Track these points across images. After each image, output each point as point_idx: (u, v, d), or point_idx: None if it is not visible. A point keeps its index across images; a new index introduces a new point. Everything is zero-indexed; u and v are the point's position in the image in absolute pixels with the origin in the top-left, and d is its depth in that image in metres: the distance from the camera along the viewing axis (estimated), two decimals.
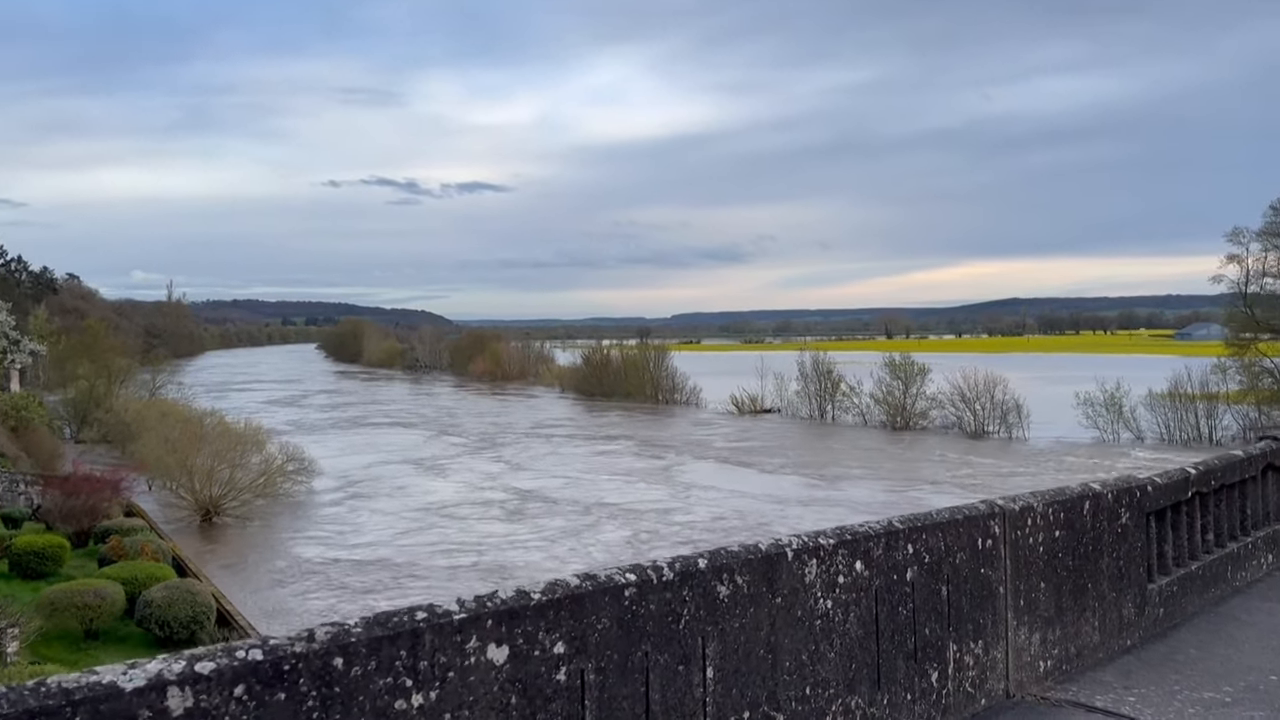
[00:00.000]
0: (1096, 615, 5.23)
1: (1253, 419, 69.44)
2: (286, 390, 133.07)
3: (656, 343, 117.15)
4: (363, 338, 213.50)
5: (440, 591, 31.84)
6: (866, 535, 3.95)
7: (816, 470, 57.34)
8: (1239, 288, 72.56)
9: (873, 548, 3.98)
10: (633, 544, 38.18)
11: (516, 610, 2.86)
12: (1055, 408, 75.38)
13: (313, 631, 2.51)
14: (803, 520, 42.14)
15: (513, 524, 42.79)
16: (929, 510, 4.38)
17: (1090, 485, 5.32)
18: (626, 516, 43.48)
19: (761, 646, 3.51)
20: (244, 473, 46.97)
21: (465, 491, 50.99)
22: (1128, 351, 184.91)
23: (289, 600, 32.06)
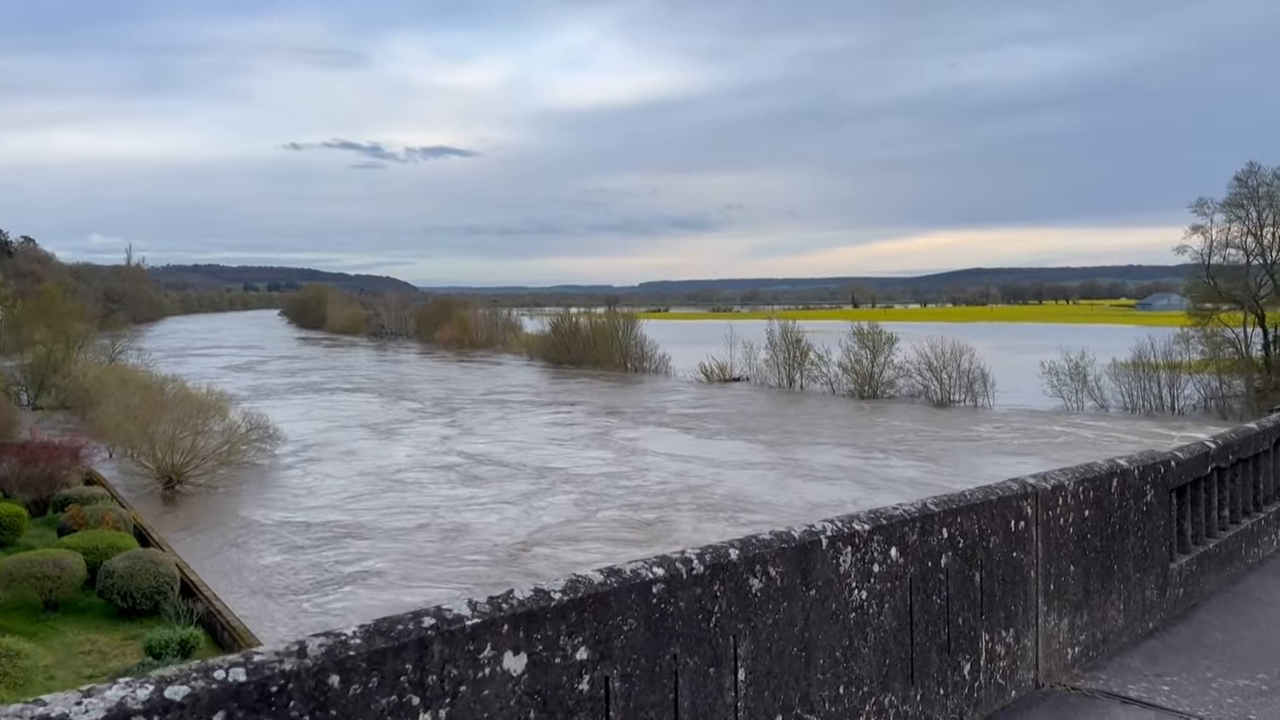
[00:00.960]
0: (1121, 598, 4.99)
1: (1214, 388, 70.44)
2: (246, 356, 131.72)
3: (625, 311, 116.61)
4: (326, 304, 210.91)
5: (416, 560, 31.81)
6: (902, 519, 3.64)
7: (759, 436, 57.83)
8: (1203, 258, 73.26)
9: (908, 533, 3.67)
10: (581, 505, 38.80)
11: (535, 613, 2.49)
12: (1019, 377, 76.08)
13: (304, 644, 2.12)
14: (740, 481, 43.43)
15: (469, 488, 43.13)
16: (961, 491, 4.08)
17: (1117, 462, 5.05)
18: (575, 480, 43.96)
19: (795, 644, 3.19)
20: (207, 440, 46.16)
21: (421, 456, 51.24)
22: (1090, 321, 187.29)
23: (254, 572, 31.55)
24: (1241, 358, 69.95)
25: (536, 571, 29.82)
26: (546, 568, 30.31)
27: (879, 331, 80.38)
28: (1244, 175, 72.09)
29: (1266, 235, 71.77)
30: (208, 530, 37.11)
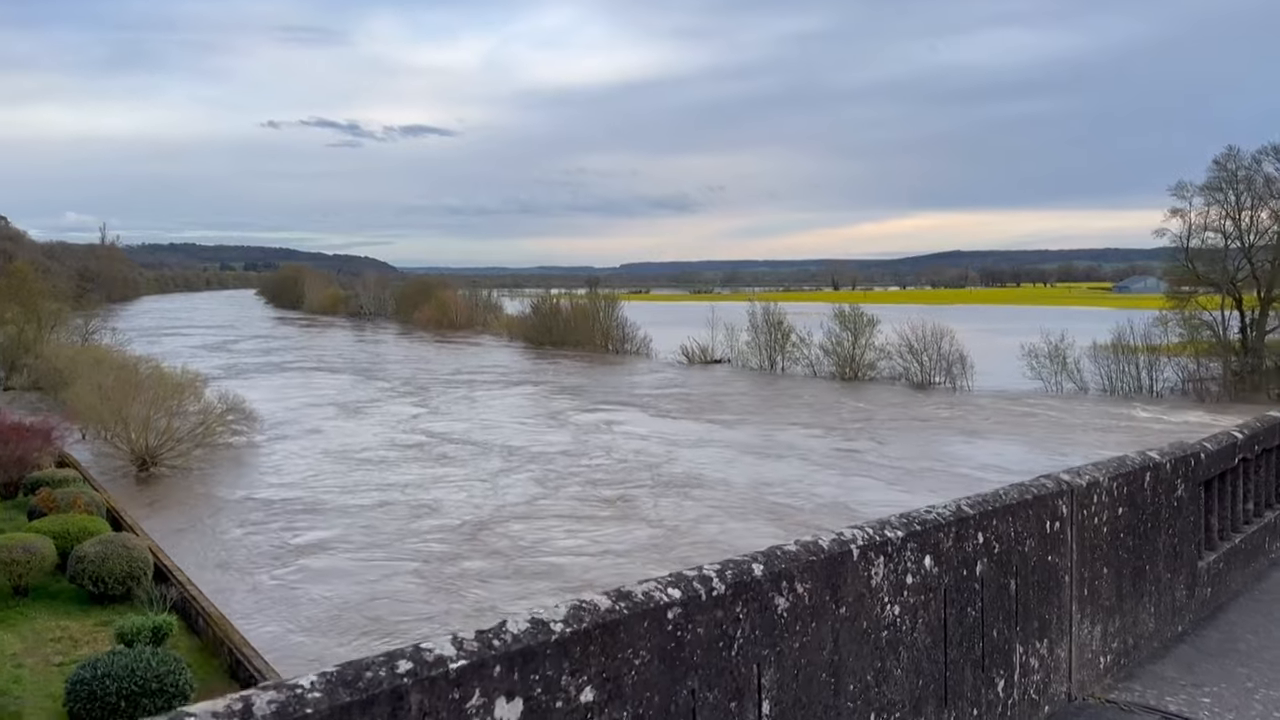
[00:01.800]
0: (1152, 600, 4.66)
1: (1191, 371, 70.80)
2: (221, 336, 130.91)
3: (606, 292, 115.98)
4: (304, 284, 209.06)
5: (376, 535, 31.67)
6: (936, 524, 3.27)
7: (722, 416, 58.38)
8: (1181, 242, 73.46)
9: (943, 539, 3.30)
10: (542, 484, 39.20)
11: (532, 649, 2.08)
12: (998, 359, 76.31)
13: (249, 702, 1.70)
14: (700, 459, 43.87)
15: (435, 467, 43.45)
16: (995, 490, 3.73)
17: (1149, 455, 4.71)
18: (539, 459, 44.47)
19: (823, 669, 2.82)
20: (182, 421, 45.46)
21: (389, 434, 51.55)
22: (1067, 304, 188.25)
23: (231, 553, 31.04)
24: (1219, 341, 70.29)
25: (497, 549, 29.68)
26: (506, 545, 30.33)
27: (860, 314, 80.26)
28: (1223, 159, 72.27)
29: (1244, 219, 72.04)
30: (180, 512, 36.62)
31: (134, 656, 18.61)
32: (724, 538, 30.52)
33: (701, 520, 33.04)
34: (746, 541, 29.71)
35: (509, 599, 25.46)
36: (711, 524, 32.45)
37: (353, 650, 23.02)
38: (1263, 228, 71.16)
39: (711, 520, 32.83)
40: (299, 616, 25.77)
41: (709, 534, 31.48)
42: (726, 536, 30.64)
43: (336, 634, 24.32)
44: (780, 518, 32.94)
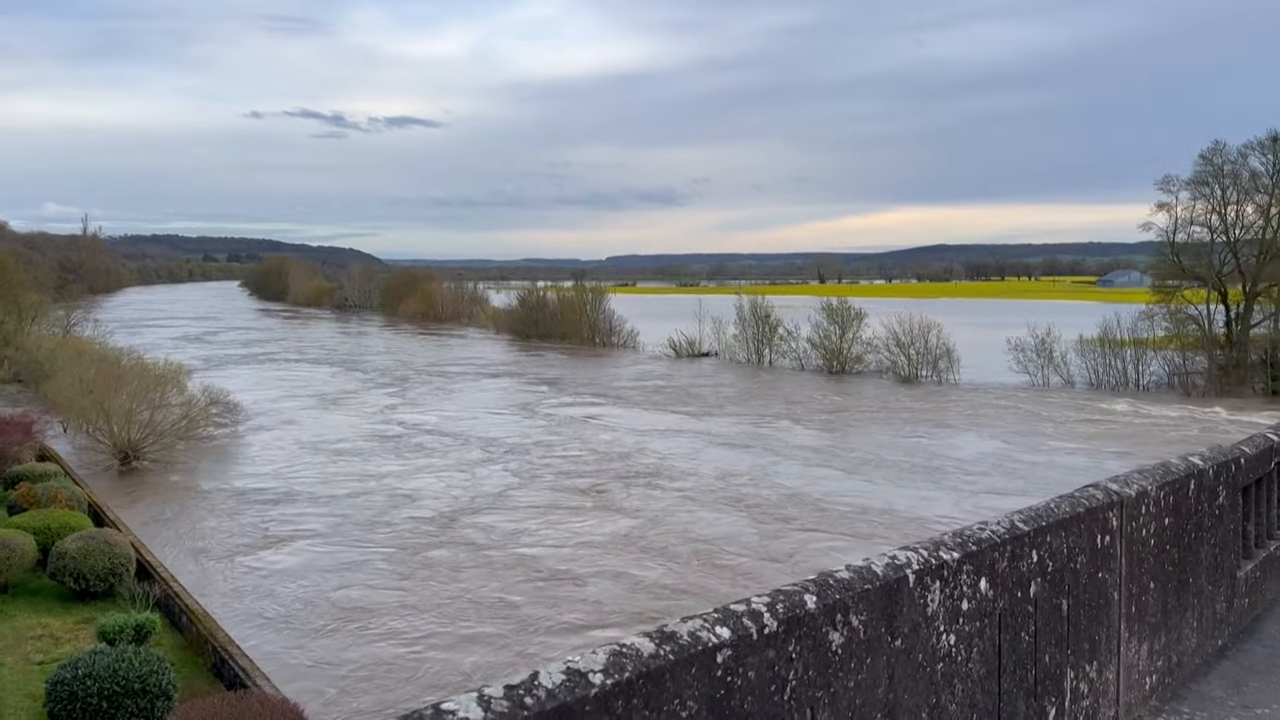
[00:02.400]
0: (1195, 614, 4.42)
1: (1177, 364, 71.01)
2: (202, 327, 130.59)
3: (593, 285, 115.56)
4: (288, 275, 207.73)
5: (352, 526, 31.68)
6: (991, 543, 3.00)
7: (696, 407, 59.27)
8: (1167, 235, 73.61)
9: (997, 559, 3.04)
10: (518, 475, 39.52)
11: (569, 706, 1.78)
12: (985, 353, 76.45)
13: None
14: (670, 450, 44.69)
15: (412, 457, 43.91)
16: (1046, 502, 3.46)
17: (1193, 461, 4.46)
18: (516, 450, 44.96)
19: (878, 709, 2.54)
20: (164, 414, 44.93)
21: (369, 426, 51.91)
22: (1052, 298, 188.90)
23: (210, 546, 30.64)
24: (1204, 335, 70.52)
25: (470, 540, 29.95)
26: (478, 535, 30.57)
27: (848, 307, 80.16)
28: (1209, 153, 72.41)
29: (1230, 213, 72.24)
30: (163, 507, 36.23)
31: (116, 656, 18.23)
32: (695, 527, 30.93)
33: (673, 509, 33.47)
34: (717, 530, 30.64)
35: (479, 588, 25.63)
36: (683, 512, 32.86)
37: (325, 642, 23.18)
38: (1248, 222, 71.44)
39: (682, 509, 33.28)
40: (272, 609, 25.72)
41: (680, 521, 31.91)
42: (697, 526, 31.02)
43: (308, 628, 24.30)
44: (749, 507, 33.42)
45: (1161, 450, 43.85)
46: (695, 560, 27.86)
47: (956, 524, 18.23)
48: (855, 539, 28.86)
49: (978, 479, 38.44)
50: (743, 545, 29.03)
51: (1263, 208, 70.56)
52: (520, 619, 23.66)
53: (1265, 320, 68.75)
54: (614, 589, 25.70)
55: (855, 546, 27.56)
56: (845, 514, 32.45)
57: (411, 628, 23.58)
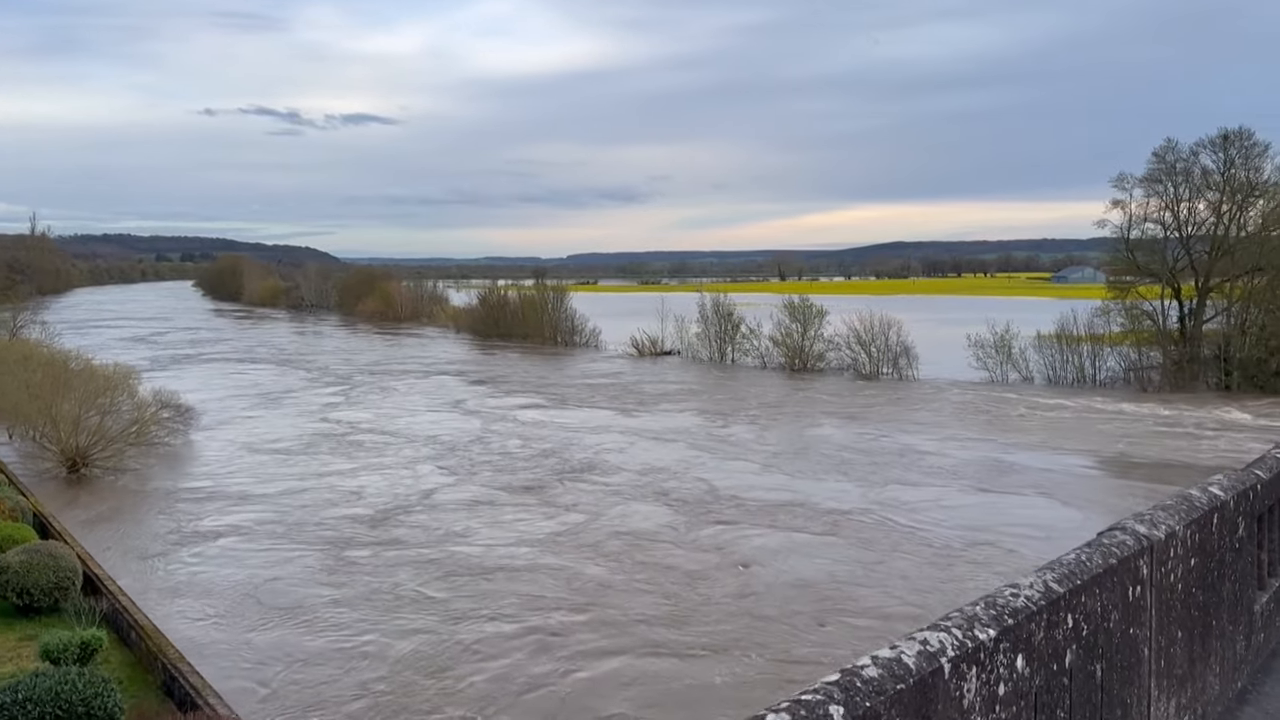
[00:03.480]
0: (1217, 658, 4.08)
1: (1133, 359, 71.91)
2: (152, 328, 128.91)
3: (554, 283, 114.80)
4: (243, 275, 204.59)
5: (286, 526, 31.51)
6: (1027, 612, 2.62)
7: (637, 405, 60.16)
8: (1122, 232, 74.48)
9: (1034, 631, 2.66)
10: (455, 473, 40.52)
11: None
12: (943, 349, 77.00)
13: None
14: (602, 444, 45.86)
15: (351, 456, 44.54)
16: (1075, 555, 3.09)
17: (1213, 492, 4.11)
18: (457, 449, 45.66)
19: None
20: (114, 420, 43.71)
21: (315, 426, 52.06)
22: (1007, 294, 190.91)
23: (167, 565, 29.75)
24: (1159, 330, 71.48)
25: (400, 538, 30.51)
26: (410, 533, 31.17)
27: (809, 305, 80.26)
28: (1162, 151, 73.35)
29: (1183, 210, 73.26)
30: (110, 516, 35.34)
31: (58, 678, 17.45)
32: (625, 520, 32.07)
33: (604, 503, 34.67)
34: (649, 525, 31.47)
35: (407, 582, 26.47)
36: (616, 509, 33.93)
37: (264, 635, 23.51)
38: (1200, 218, 72.46)
39: (615, 505, 34.39)
40: (211, 608, 25.86)
41: (613, 515, 33.12)
42: (627, 520, 32.18)
43: (245, 624, 24.70)
44: (673, 501, 34.55)
45: (1080, 443, 45.71)
46: (619, 548, 29.02)
47: (865, 515, 25.41)
48: (776, 530, 30.57)
49: (883, 470, 40.03)
50: (667, 538, 30.08)
51: (1214, 205, 71.64)
52: (450, 611, 24.51)
53: (1218, 315, 69.82)
54: (544, 581, 26.50)
55: (780, 539, 29.55)
56: (764, 506, 33.64)
57: (346, 621, 24.18)
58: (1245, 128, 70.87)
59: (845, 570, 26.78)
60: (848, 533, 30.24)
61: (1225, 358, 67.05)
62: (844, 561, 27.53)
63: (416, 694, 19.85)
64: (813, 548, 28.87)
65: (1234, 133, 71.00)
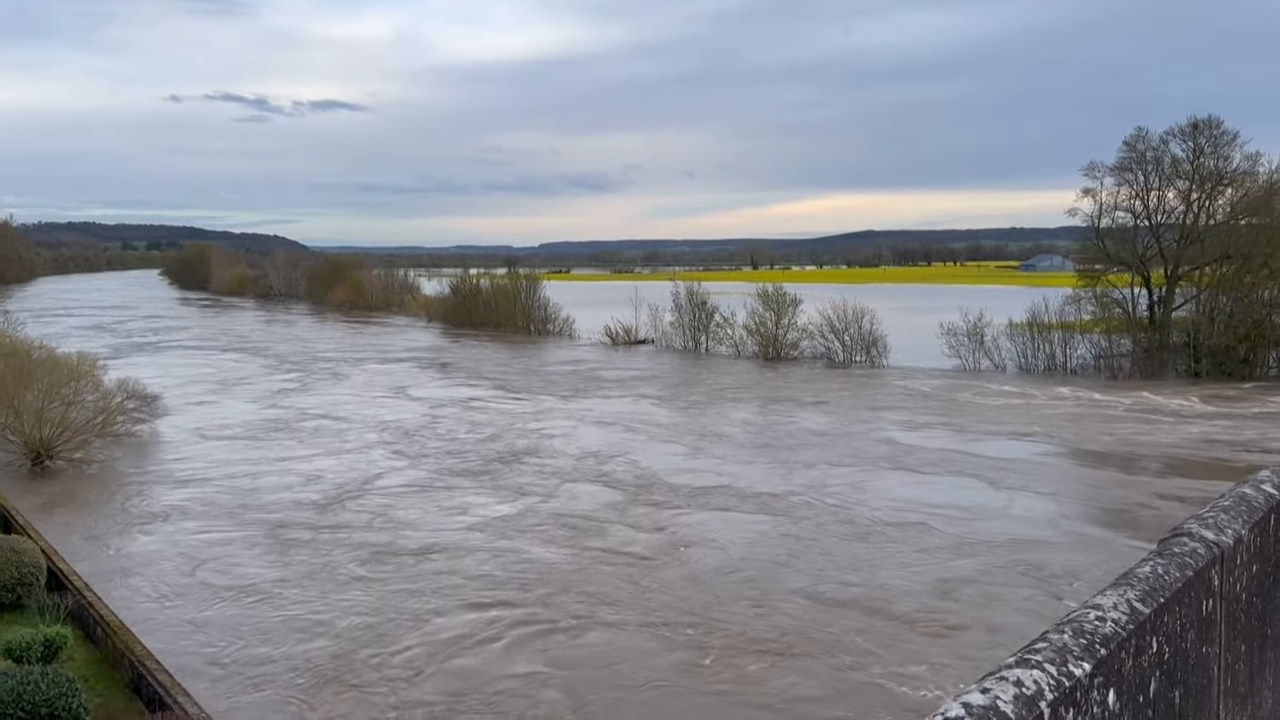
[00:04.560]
0: (1272, 670, 3.81)
1: (1103, 347, 72.40)
2: (116, 316, 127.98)
3: (527, 272, 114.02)
4: (210, 264, 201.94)
5: (239, 509, 30.90)
6: (1118, 640, 2.27)
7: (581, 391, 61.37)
8: (1093, 220, 74.90)
9: (1124, 659, 2.33)
10: (404, 454, 42.36)
11: None
12: (917, 337, 77.23)
13: None
14: (545, 427, 47.74)
15: (309, 442, 45.67)
16: (1150, 568, 2.78)
17: (1268, 490, 3.83)
18: (410, 435, 46.85)
19: None
20: (79, 410, 42.81)
21: (274, 414, 53.03)
22: (977, 282, 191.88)
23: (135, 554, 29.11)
24: (1129, 318, 72.02)
25: (345, 522, 31.48)
26: (355, 516, 32.24)
27: (783, 293, 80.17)
28: (1132, 140, 73.83)
29: (1152, 198, 73.77)
30: (75, 508, 34.71)
31: (21, 678, 16.91)
32: (567, 503, 33.62)
33: (551, 484, 36.40)
34: (584, 506, 33.03)
35: (349, 563, 27.53)
36: (564, 491, 35.47)
37: (219, 613, 24.10)
38: (1170, 207, 73.03)
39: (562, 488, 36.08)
40: (161, 586, 26.58)
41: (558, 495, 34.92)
42: (569, 502, 33.80)
43: (200, 602, 25.44)
44: (612, 484, 36.37)
45: (1010, 425, 47.33)
46: (558, 530, 30.38)
47: (790, 497, 28.04)
48: (711, 510, 32.46)
49: (811, 451, 42.10)
50: (605, 519, 31.52)
51: (1183, 193, 72.20)
52: (389, 588, 25.59)
53: (1187, 303, 70.46)
54: (481, 559, 27.67)
55: (714, 517, 31.64)
56: (698, 489, 35.07)
57: (292, 599, 25.05)
58: (1214, 116, 71.45)
59: (772, 544, 28.78)
60: (776, 511, 32.12)
61: (1194, 345, 67.66)
62: (772, 537, 29.49)
63: (357, 666, 21.04)
64: (742, 525, 30.74)
65: (1203, 121, 71.55)
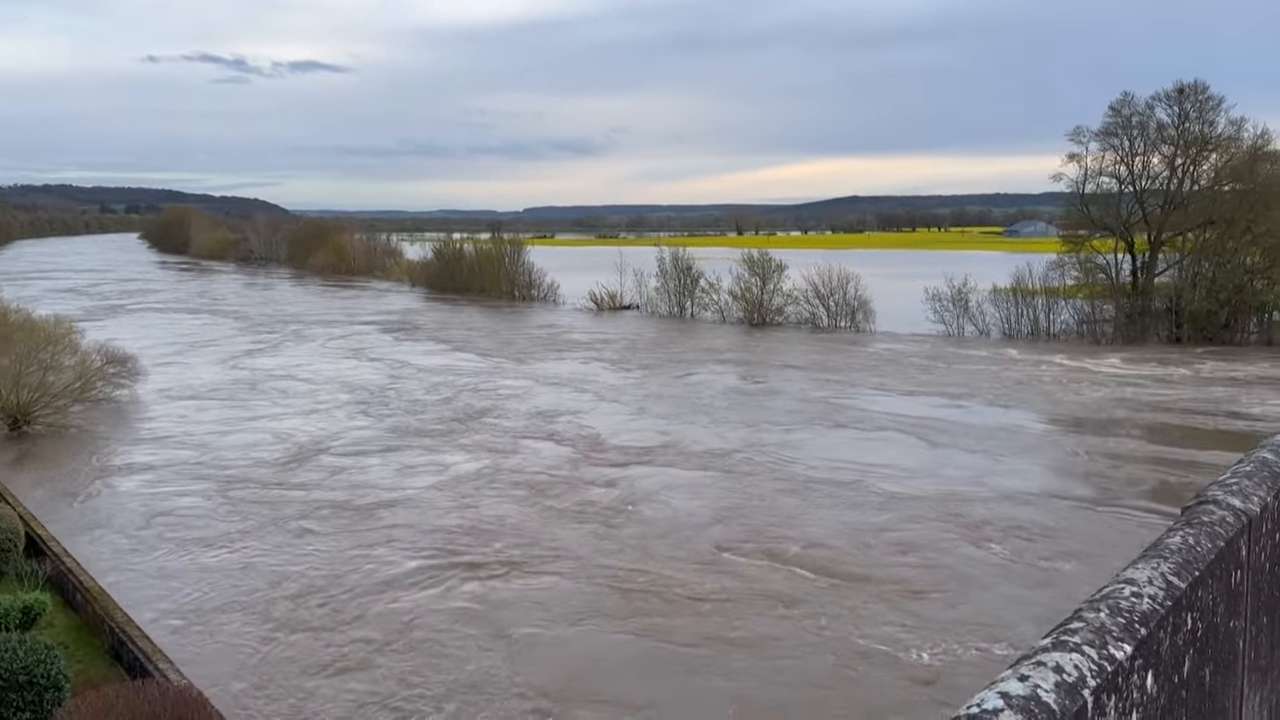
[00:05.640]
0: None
1: (1086, 312, 72.58)
2: (86, 280, 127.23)
3: (511, 236, 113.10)
4: (190, 227, 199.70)
5: (208, 467, 31.45)
6: (1156, 618, 2.09)
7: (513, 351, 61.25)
8: (1077, 186, 74.79)
9: (1162, 639, 2.16)
10: (366, 410, 43.95)
11: None
12: (902, 302, 77.30)
13: None
14: (498, 389, 48.81)
15: (281, 402, 46.70)
16: (1177, 537, 2.60)
17: None
18: (372, 391, 48.60)
19: None
20: (57, 375, 42.29)
21: (248, 376, 53.75)
22: (961, 248, 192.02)
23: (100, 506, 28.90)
24: (1112, 283, 72.16)
25: (306, 481, 32.23)
26: (316, 476, 32.91)
27: (768, 259, 79.91)
28: (1118, 104, 73.59)
29: (1137, 164, 73.66)
30: (53, 472, 34.53)
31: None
32: (522, 461, 34.73)
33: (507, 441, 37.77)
34: (536, 462, 34.20)
35: (309, 516, 28.69)
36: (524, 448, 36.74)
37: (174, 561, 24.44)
38: (1154, 172, 72.94)
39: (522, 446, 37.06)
40: (122, 541, 27.31)
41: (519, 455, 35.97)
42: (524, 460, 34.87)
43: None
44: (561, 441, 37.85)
45: (967, 390, 48.03)
46: (509, 486, 31.58)
47: (712, 449, 31.24)
48: (654, 466, 33.79)
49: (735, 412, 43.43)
50: (548, 474, 32.93)
51: (1168, 158, 72.12)
52: (346, 539, 26.84)
53: (1169, 269, 70.62)
54: (435, 515, 28.72)
55: (654, 471, 33.07)
56: (642, 448, 36.33)
57: (249, 550, 26.16)
58: (1200, 81, 71.25)
59: (712, 498, 30.17)
60: (718, 469, 33.36)
61: (1176, 310, 67.91)
62: (713, 491, 30.88)
63: (314, 612, 22.14)
64: (687, 481, 31.98)
65: (1189, 86, 71.32)
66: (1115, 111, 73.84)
